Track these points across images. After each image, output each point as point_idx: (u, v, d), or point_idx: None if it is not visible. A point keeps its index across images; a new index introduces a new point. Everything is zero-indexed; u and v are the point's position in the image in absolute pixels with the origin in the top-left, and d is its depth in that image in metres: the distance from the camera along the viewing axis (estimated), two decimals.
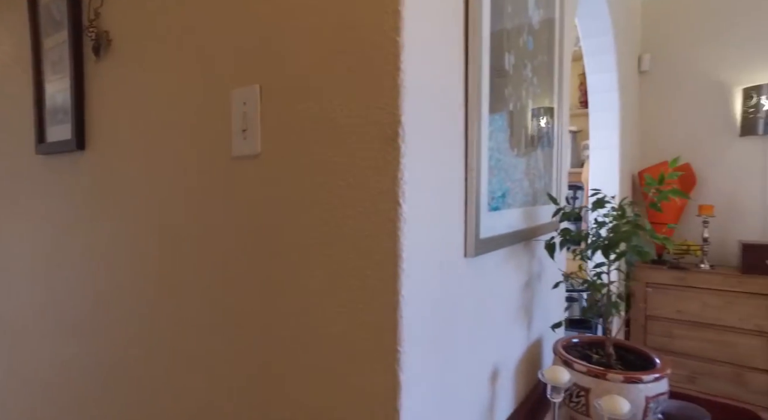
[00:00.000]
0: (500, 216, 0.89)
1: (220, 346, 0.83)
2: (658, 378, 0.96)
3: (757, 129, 2.68)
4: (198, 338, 0.87)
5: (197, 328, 0.87)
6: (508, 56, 0.91)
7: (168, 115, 0.91)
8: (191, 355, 0.89)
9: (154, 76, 0.94)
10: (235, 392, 0.81)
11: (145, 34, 0.96)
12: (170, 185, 0.91)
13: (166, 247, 0.93)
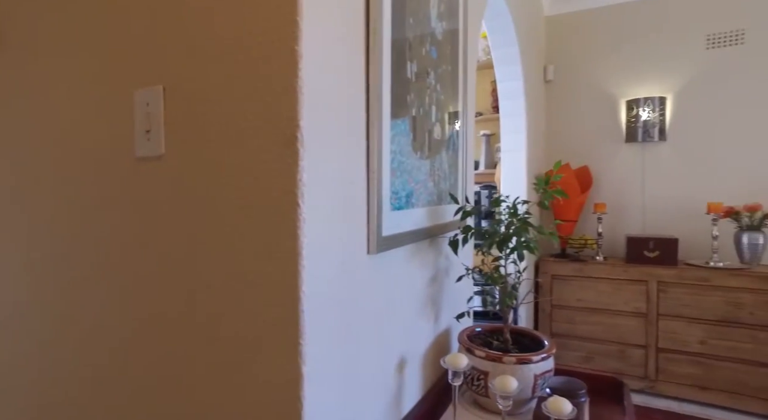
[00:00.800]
0: (404, 215, 0.95)
1: (123, 345, 0.81)
2: (545, 357, 1.08)
3: (637, 136, 3.03)
4: (100, 338, 0.84)
5: (99, 328, 0.84)
6: (411, 65, 0.97)
7: (67, 114, 0.87)
8: (94, 354, 0.85)
9: (51, 74, 0.89)
10: (144, 391, 0.80)
11: (39, 28, 0.91)
12: (74, 186, 0.87)
13: (67, 250, 0.88)
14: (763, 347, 2.45)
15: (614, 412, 1.13)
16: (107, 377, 0.84)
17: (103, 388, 0.84)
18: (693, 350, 2.61)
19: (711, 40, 2.95)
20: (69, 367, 0.89)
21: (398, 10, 0.90)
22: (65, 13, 0.86)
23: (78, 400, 0.88)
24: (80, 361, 0.87)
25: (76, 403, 0.88)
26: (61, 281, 0.89)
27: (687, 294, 2.62)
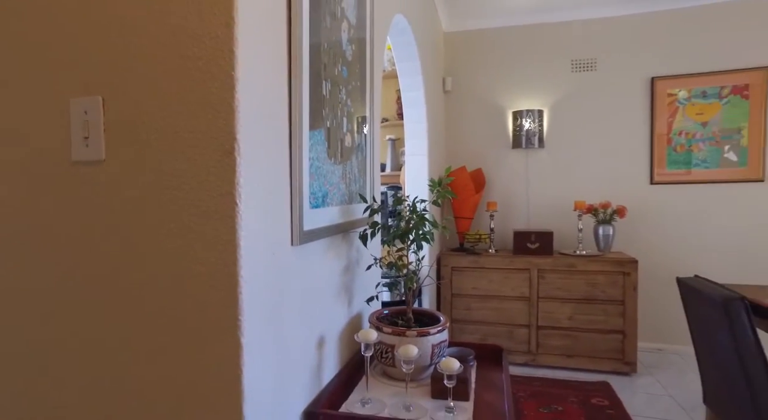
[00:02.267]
0: (321, 213, 1.11)
1: (72, 336, 0.87)
2: (440, 330, 1.30)
3: (521, 143, 3.48)
4: (48, 330, 0.89)
5: (43, 326, 0.89)
6: (325, 84, 1.14)
7: (3, 119, 0.90)
8: (40, 350, 0.90)
9: None
10: (101, 381, 0.86)
11: None
12: (8, 186, 0.90)
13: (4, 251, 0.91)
14: (611, 318, 2.98)
15: (495, 371, 1.39)
16: (62, 372, 0.89)
17: (63, 378, 0.89)
18: (563, 325, 3.08)
19: (574, 64, 3.49)
20: (23, 361, 0.92)
21: (315, 38, 1.06)
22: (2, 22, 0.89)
23: (32, 387, 0.91)
24: (31, 357, 0.91)
25: (36, 389, 0.91)
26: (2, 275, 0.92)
27: (559, 279, 3.08)
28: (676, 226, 3.35)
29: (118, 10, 0.82)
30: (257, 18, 0.83)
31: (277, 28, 0.91)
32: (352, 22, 1.35)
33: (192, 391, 0.80)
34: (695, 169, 3.32)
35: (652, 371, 3.05)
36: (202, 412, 0.80)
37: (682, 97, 3.33)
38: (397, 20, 2.17)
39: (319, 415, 1.05)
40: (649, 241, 3.38)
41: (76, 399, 0.87)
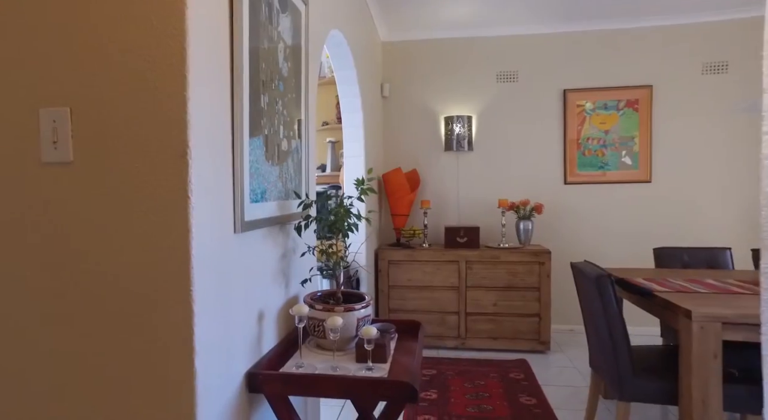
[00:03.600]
0: (260, 207, 1.31)
1: (53, 314, 1.03)
2: (365, 306, 1.54)
3: (453, 146, 3.81)
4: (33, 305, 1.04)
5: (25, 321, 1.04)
6: (264, 98, 1.34)
7: None
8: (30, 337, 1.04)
9: None
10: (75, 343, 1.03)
11: None
12: None
13: None
14: (528, 303, 3.37)
15: (412, 341, 1.65)
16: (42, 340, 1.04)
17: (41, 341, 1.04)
18: (488, 311, 3.43)
19: (499, 76, 3.87)
20: None
21: (254, 60, 1.27)
22: None
23: None
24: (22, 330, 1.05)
25: None
26: None
27: (484, 269, 3.43)
28: (585, 220, 3.81)
29: (88, 39, 0.99)
30: (205, 47, 1.03)
31: (221, 54, 1.11)
32: (288, 42, 1.56)
33: (153, 347, 0.99)
34: (600, 171, 3.79)
35: (563, 349, 3.47)
36: (162, 364, 0.99)
37: (589, 108, 3.79)
38: (333, 34, 2.39)
39: (258, 375, 1.26)
40: (563, 234, 3.82)
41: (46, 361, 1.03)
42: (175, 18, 0.96)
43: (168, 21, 0.96)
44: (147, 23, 0.97)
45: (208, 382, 1.04)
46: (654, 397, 1.89)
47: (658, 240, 3.59)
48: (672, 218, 3.70)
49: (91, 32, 0.99)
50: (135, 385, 1.00)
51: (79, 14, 0.99)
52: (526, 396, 2.71)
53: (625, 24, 3.68)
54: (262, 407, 1.36)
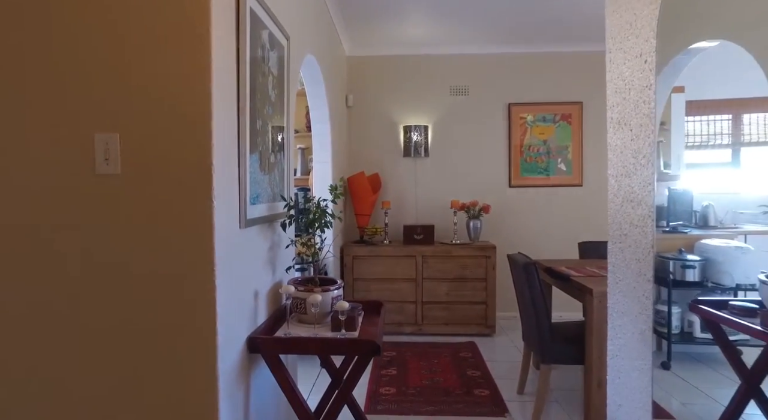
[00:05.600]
0: (257, 207, 1.67)
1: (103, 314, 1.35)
2: (337, 288, 1.91)
3: (411, 152, 4.24)
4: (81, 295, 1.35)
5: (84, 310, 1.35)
6: (258, 122, 1.70)
7: (43, 144, 1.34)
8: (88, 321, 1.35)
9: (32, 114, 1.34)
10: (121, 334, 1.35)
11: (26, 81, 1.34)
12: (48, 192, 1.35)
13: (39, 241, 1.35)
14: (476, 292, 3.84)
15: (376, 317, 2.03)
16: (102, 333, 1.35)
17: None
18: (442, 300, 3.87)
19: (452, 89, 4.33)
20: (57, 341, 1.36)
21: (252, 93, 1.62)
22: (45, 71, 1.34)
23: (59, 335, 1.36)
24: (75, 328, 1.36)
25: None
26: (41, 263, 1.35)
27: (438, 263, 3.87)
28: (526, 219, 4.33)
29: (136, 81, 1.32)
30: (221, 88, 1.38)
31: (230, 91, 1.46)
32: (275, 73, 1.91)
33: (186, 315, 1.33)
34: (540, 176, 4.32)
35: (506, 332, 3.96)
36: (195, 325, 1.33)
37: (530, 120, 4.31)
38: (307, 58, 2.75)
39: (257, 339, 1.61)
40: (507, 231, 4.32)
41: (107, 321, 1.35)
42: (203, 70, 1.30)
43: (197, 71, 1.31)
44: (179, 73, 1.31)
45: (225, 340, 1.39)
46: (568, 359, 2.37)
47: (587, 235, 4.14)
48: (598, 216, 4.28)
49: (138, 76, 1.32)
50: (179, 341, 1.34)
51: (131, 65, 1.32)
52: (472, 370, 3.17)
53: (560, 48, 4.22)
54: (259, 366, 1.72)
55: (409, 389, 2.86)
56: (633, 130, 1.29)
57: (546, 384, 2.39)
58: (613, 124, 1.41)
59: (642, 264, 1.25)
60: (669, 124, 3.12)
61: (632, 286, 1.31)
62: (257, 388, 1.72)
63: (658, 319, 2.63)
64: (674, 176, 3.19)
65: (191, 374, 1.34)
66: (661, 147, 3.21)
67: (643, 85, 1.24)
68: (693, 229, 2.86)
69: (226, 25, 1.43)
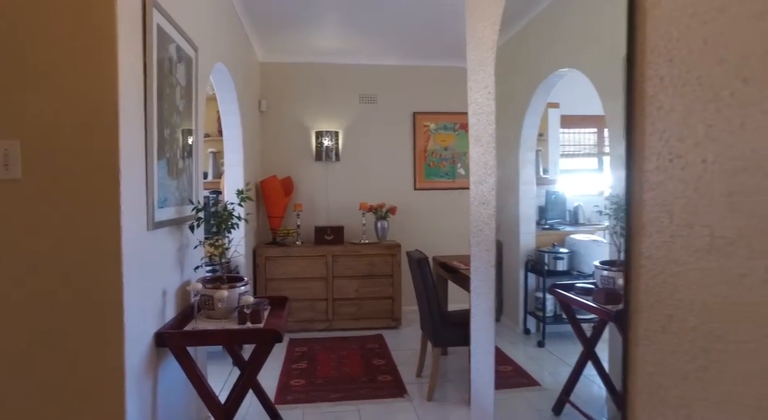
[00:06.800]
0: (165, 211, 1.78)
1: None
2: (244, 284, 2.06)
3: (322, 157, 4.43)
4: None
5: None
6: (166, 130, 1.81)
7: None
8: None
9: None
10: None
11: None
12: None
13: None
14: (384, 288, 4.13)
15: (282, 311, 2.20)
16: None
17: None
18: (352, 297, 4.11)
19: (361, 98, 4.60)
20: None
21: (160, 103, 1.73)
22: None
23: None
24: None
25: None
26: None
27: (348, 261, 4.10)
28: (430, 219, 4.71)
29: (42, 89, 1.39)
30: (128, 98, 1.49)
31: (138, 101, 1.57)
32: (182, 84, 2.02)
33: (94, 314, 1.42)
34: (442, 180, 4.73)
35: (411, 324, 4.29)
36: (102, 321, 1.42)
37: (433, 128, 4.71)
38: (217, 67, 2.84)
39: (164, 334, 1.72)
40: (412, 231, 4.67)
41: None
42: (109, 83, 1.41)
43: (104, 85, 1.41)
44: (87, 85, 1.40)
45: (132, 336, 1.50)
46: (457, 341, 2.71)
47: None
48: None
49: (45, 86, 1.39)
50: (86, 339, 1.42)
51: (36, 76, 1.39)
52: (377, 359, 3.44)
53: (459, 64, 4.65)
54: (167, 359, 1.82)
55: (318, 380, 3.06)
56: (484, 146, 1.61)
57: (437, 365, 2.71)
58: (472, 140, 1.73)
59: (489, 254, 1.57)
60: (546, 135, 3.63)
61: (484, 272, 1.63)
62: (166, 382, 1.83)
63: (537, 305, 3.08)
64: (552, 180, 3.70)
65: (99, 370, 1.44)
66: (540, 155, 3.72)
67: (489, 111, 1.55)
68: (566, 226, 3.36)
69: (133, 41, 1.54)
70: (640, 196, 0.88)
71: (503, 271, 3.15)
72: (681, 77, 0.75)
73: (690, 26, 0.72)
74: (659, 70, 0.81)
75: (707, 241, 0.72)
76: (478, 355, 1.77)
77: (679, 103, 0.76)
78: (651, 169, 0.84)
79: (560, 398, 2.34)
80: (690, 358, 0.75)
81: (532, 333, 3.13)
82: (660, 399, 0.82)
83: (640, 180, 0.88)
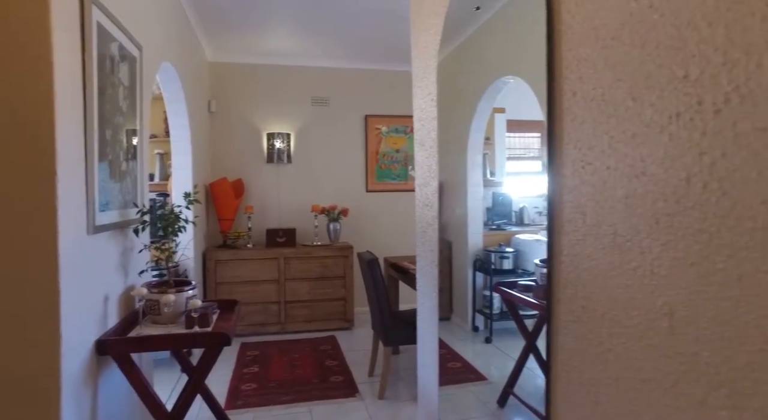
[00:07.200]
0: (107, 214, 1.73)
1: None
2: (192, 288, 2.03)
3: (274, 159, 4.41)
4: None
5: None
6: (108, 131, 1.76)
7: None
8: None
9: None
10: None
11: None
12: None
13: None
14: (337, 289, 4.16)
15: (231, 314, 2.19)
16: None
17: None
18: (304, 299, 4.11)
19: (314, 100, 4.61)
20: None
21: (101, 103, 1.68)
22: None
23: None
24: None
25: None
26: None
27: (300, 263, 4.10)
28: (381, 220, 4.79)
29: None
30: (67, 100, 1.45)
31: (77, 102, 1.53)
32: (126, 84, 1.97)
33: (30, 322, 1.37)
34: (393, 182, 4.81)
35: (364, 325, 4.34)
36: (35, 335, 1.38)
37: (384, 131, 4.79)
38: (164, 66, 2.77)
39: (106, 341, 1.68)
40: (365, 232, 4.72)
41: None
42: (45, 84, 1.37)
43: (39, 86, 1.37)
44: (21, 88, 1.36)
45: (70, 345, 1.45)
46: (407, 340, 2.78)
47: None
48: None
49: None
50: (21, 348, 1.37)
51: None
52: (330, 360, 3.46)
53: (409, 68, 4.75)
54: (109, 368, 1.77)
55: (270, 383, 3.05)
56: (427, 150, 1.69)
57: (388, 364, 2.78)
58: (417, 144, 1.81)
59: (433, 253, 1.64)
60: (493, 138, 3.79)
61: (428, 271, 1.70)
62: (108, 391, 1.78)
63: (485, 303, 3.21)
64: (498, 183, 3.87)
65: (32, 380, 1.38)
66: (487, 158, 3.87)
67: (432, 116, 1.63)
68: (512, 226, 3.52)
69: (70, 39, 1.50)
70: (560, 198, 0.97)
71: (453, 270, 3.27)
72: (589, 93, 0.85)
73: (594, 49, 0.81)
74: (573, 86, 0.90)
75: (611, 238, 0.81)
76: (424, 351, 1.84)
77: (589, 116, 0.86)
78: (568, 174, 0.94)
79: (504, 391, 2.46)
80: (598, 343, 0.84)
81: (480, 330, 3.26)
82: (575, 380, 0.91)
83: (560, 183, 0.97)
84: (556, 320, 0.98)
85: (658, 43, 0.67)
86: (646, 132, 0.70)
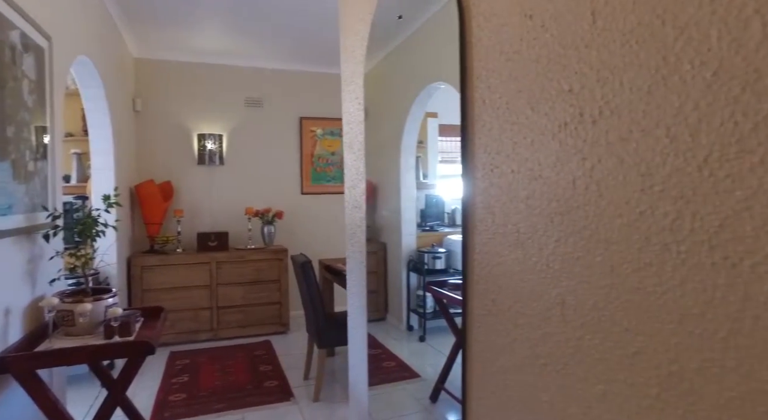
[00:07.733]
0: (9, 219, 1.60)
1: None
2: (112, 296, 1.92)
3: (205, 160, 4.26)
4: None
5: None
6: (10, 127, 1.63)
7: None
8: None
9: None
10: None
11: None
12: None
13: None
14: (272, 293, 4.09)
15: (156, 322, 2.09)
16: None
17: None
18: (238, 303, 4.00)
19: (247, 101, 4.51)
20: None
21: (0, 97, 1.56)
22: None
23: None
24: None
25: None
26: None
27: (233, 268, 3.99)
28: (317, 223, 4.76)
29: None
30: None
31: None
32: (32, 78, 1.83)
33: None
34: (328, 184, 4.81)
35: (300, 329, 4.29)
36: None
37: (319, 133, 4.77)
38: (79, 59, 2.60)
39: (5, 358, 1.53)
40: (300, 235, 4.68)
41: None
42: None
43: None
44: None
45: None
46: (340, 341, 2.79)
47: None
48: None
49: None
50: None
51: None
52: (264, 365, 3.40)
53: None
54: (11, 387, 1.63)
55: (201, 392, 2.94)
56: (356, 153, 1.72)
57: (323, 366, 2.77)
58: (346, 147, 1.84)
59: (362, 254, 1.68)
60: (426, 142, 3.89)
61: (357, 272, 1.73)
62: (10, 414, 1.64)
63: (418, 302, 3.29)
64: (431, 185, 3.98)
65: None
66: (420, 161, 3.97)
67: (359, 120, 1.67)
68: (445, 227, 3.63)
69: None
70: (473, 200, 1.04)
71: (387, 271, 3.33)
72: (496, 101, 0.91)
73: (499, 61, 0.88)
74: (482, 94, 0.97)
75: (515, 236, 0.88)
76: (354, 351, 1.87)
77: (496, 123, 0.93)
78: (479, 177, 1.00)
79: (436, 387, 2.55)
80: (505, 334, 0.91)
81: (414, 329, 3.34)
82: (488, 370, 0.98)
83: (472, 185, 1.04)
84: (471, 315, 1.04)
85: (549, 59, 0.74)
86: (541, 139, 0.77)
